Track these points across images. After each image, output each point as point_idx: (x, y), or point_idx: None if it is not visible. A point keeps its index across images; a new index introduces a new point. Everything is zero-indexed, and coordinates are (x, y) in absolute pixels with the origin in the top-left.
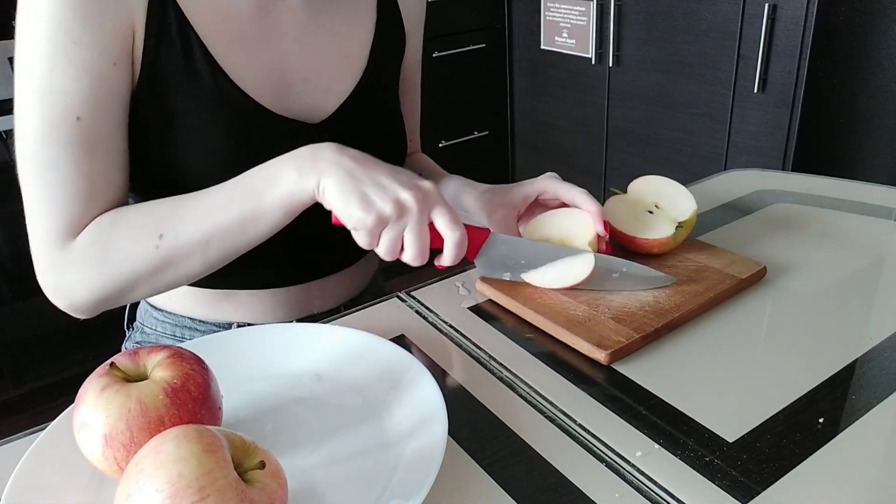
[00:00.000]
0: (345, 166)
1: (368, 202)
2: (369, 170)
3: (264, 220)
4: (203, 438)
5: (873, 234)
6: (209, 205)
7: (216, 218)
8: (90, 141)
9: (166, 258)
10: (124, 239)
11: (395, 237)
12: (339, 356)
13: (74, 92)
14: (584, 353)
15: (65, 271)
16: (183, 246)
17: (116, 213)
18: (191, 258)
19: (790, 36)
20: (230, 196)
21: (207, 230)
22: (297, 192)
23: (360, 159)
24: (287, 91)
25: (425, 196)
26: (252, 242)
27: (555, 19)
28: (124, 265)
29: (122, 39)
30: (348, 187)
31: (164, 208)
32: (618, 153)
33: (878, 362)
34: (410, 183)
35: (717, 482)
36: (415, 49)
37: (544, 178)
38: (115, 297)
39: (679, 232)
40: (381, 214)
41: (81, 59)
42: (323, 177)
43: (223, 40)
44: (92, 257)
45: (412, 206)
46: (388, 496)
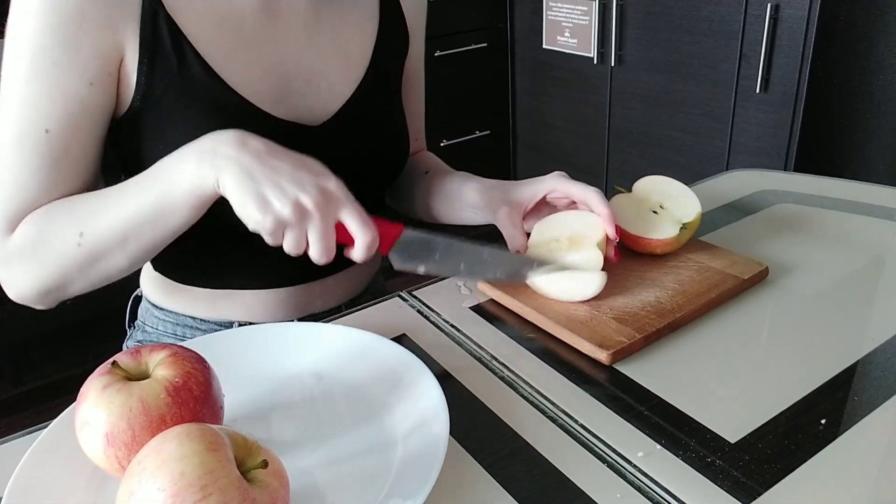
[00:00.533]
0: (243, 164)
1: (266, 204)
2: (269, 169)
3: (175, 215)
4: (205, 437)
5: (875, 235)
6: (122, 201)
7: (129, 212)
8: (55, 152)
9: (89, 254)
10: (50, 234)
11: (298, 238)
12: (340, 355)
13: (46, 107)
14: (586, 353)
15: (8, 263)
16: (102, 242)
17: (46, 209)
18: (113, 253)
19: (792, 36)
20: (141, 189)
21: (122, 226)
22: (198, 185)
23: (261, 154)
24: (289, 94)
25: (328, 198)
26: (171, 235)
27: (557, 19)
28: (53, 261)
29: (104, 61)
30: (245, 188)
31: (85, 204)
32: (619, 153)
33: (880, 364)
34: (312, 183)
35: (718, 483)
36: (417, 49)
37: (553, 176)
38: (54, 290)
39: (683, 233)
40: (278, 217)
41: (57, 79)
42: (221, 173)
43: (221, 48)
44: (26, 250)
45: (312, 210)
46: (390, 495)
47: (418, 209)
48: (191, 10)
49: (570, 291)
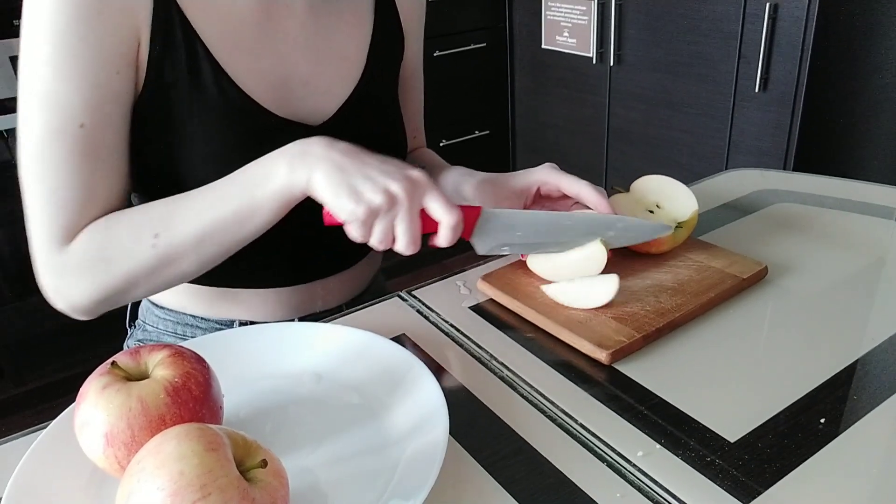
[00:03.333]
0: (334, 160)
1: (358, 194)
2: (358, 162)
3: (258, 216)
4: (205, 437)
5: (875, 234)
6: (203, 203)
7: (210, 215)
8: (93, 148)
9: (162, 257)
10: (120, 239)
11: (387, 227)
12: (340, 355)
13: (77, 101)
14: (586, 352)
15: (63, 275)
16: (178, 244)
17: (112, 216)
18: (187, 256)
19: (791, 35)
20: (224, 193)
21: (202, 228)
22: (288, 186)
23: (349, 152)
24: (289, 94)
25: (415, 185)
26: (246, 239)
27: (556, 18)
28: (121, 266)
29: (126, 48)
30: (338, 180)
31: (160, 208)
32: (618, 153)
33: (880, 362)
34: (399, 173)
35: (718, 482)
36: (415, 49)
37: (544, 168)
38: (113, 297)
39: (679, 232)
40: (371, 206)
41: (85, 70)
42: (313, 171)
43: (227, 46)
44: (88, 259)
45: (402, 197)
46: (390, 495)
47: None
48: (199, 6)
49: (583, 299)
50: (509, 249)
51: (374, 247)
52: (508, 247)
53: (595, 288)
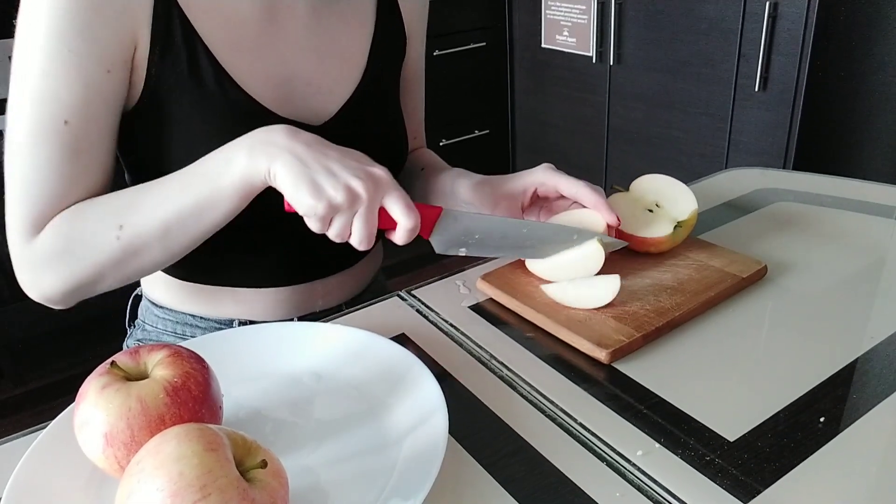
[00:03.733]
0: (296, 152)
1: (319, 190)
2: (321, 156)
3: (221, 205)
4: (204, 437)
5: (874, 233)
6: (166, 193)
7: (173, 206)
8: (75, 144)
9: (128, 248)
10: (85, 231)
11: (345, 223)
12: (339, 355)
13: (65, 97)
14: (585, 351)
15: (33, 265)
16: (142, 235)
17: (78, 206)
18: (152, 247)
19: (791, 34)
20: (186, 183)
21: (165, 218)
22: (249, 175)
23: (312, 144)
24: (291, 94)
25: (376, 184)
26: (211, 229)
27: (555, 18)
28: (87, 257)
29: (121, 48)
30: (299, 174)
31: (124, 199)
32: (618, 152)
33: (880, 361)
34: (361, 170)
35: (717, 481)
36: (417, 49)
37: (541, 169)
38: (83, 288)
39: (678, 231)
40: (331, 202)
41: (75, 67)
42: (273, 161)
43: (228, 46)
44: (55, 250)
45: (363, 195)
46: (389, 495)
47: None
48: (200, 7)
49: (585, 299)
50: (466, 251)
51: (332, 239)
52: (465, 248)
53: (596, 288)
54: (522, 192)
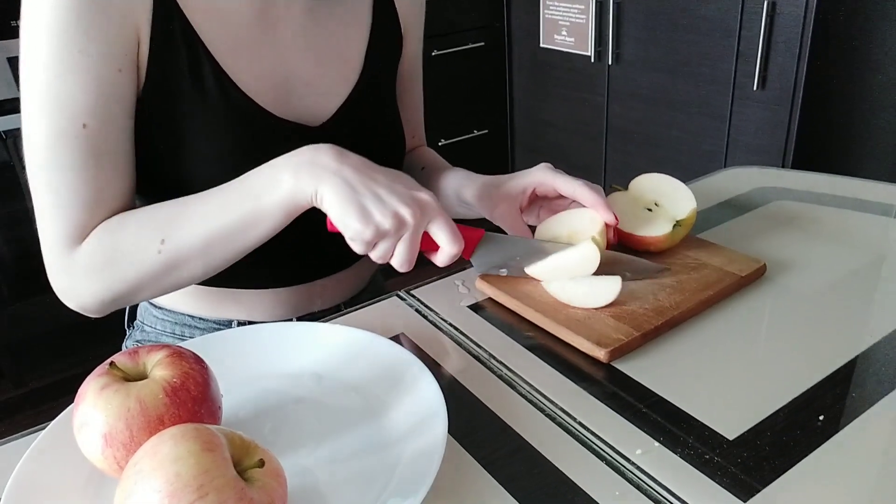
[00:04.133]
0: (344, 175)
1: (367, 215)
2: (368, 180)
3: (263, 224)
4: (201, 437)
5: (873, 231)
6: (209, 208)
7: (216, 222)
8: (97, 148)
9: (169, 262)
10: (127, 243)
11: (390, 247)
12: (338, 355)
13: (80, 100)
14: (584, 351)
15: (72, 275)
16: (184, 249)
17: (120, 217)
18: (193, 261)
19: (789, 33)
20: (230, 199)
21: (208, 234)
22: (294, 196)
23: (359, 167)
24: (288, 95)
25: (423, 210)
26: (254, 244)
27: (554, 17)
28: (128, 269)
29: (127, 46)
30: (347, 198)
31: (166, 212)
32: (617, 151)
33: (879, 359)
34: (409, 196)
35: (717, 480)
36: (414, 48)
37: (539, 169)
38: (122, 299)
39: (677, 230)
40: (379, 228)
41: (86, 68)
42: (321, 184)
43: (226, 47)
44: (97, 262)
45: (410, 222)
46: (389, 495)
47: None
48: (199, 7)
49: (586, 298)
50: (507, 271)
51: (374, 260)
52: (506, 269)
53: (598, 287)
54: (521, 193)
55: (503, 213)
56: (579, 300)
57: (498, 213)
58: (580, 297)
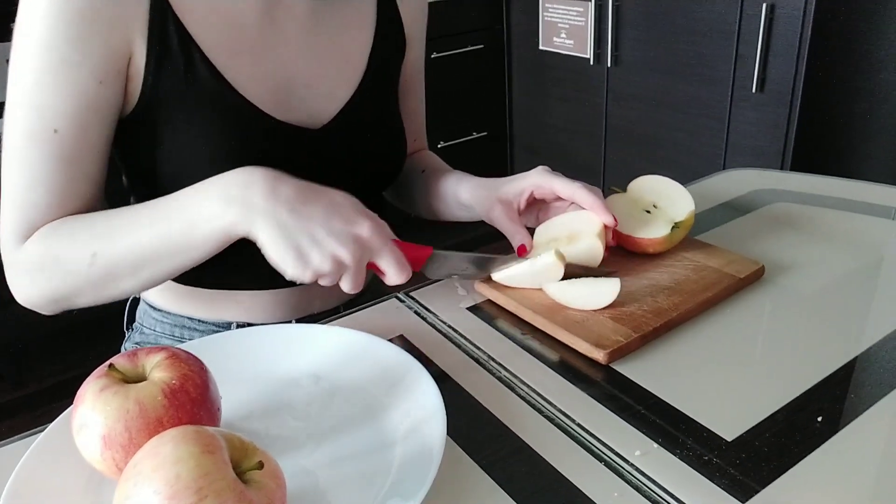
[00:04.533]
0: (276, 217)
1: (304, 260)
2: (303, 220)
3: (196, 251)
4: (201, 439)
5: (872, 233)
6: (138, 228)
7: (146, 244)
8: (64, 153)
9: (100, 275)
10: (62, 250)
11: (333, 281)
12: (338, 357)
13: (56, 107)
14: (583, 352)
15: (17, 272)
16: (115, 266)
17: (61, 223)
18: (124, 278)
19: (788, 35)
20: (161, 224)
21: (139, 254)
22: (226, 231)
23: (292, 204)
24: (289, 97)
25: (363, 248)
26: (186, 268)
27: (553, 20)
28: (63, 276)
29: (114, 59)
30: (281, 244)
31: (100, 225)
32: (616, 153)
33: (877, 361)
34: (347, 235)
35: (715, 481)
36: (416, 52)
37: (537, 172)
38: (62, 301)
39: (676, 232)
40: (317, 272)
41: (66, 77)
42: (253, 226)
43: (225, 51)
44: (36, 263)
45: (348, 263)
46: (387, 496)
47: (418, 207)
48: (197, 13)
49: (584, 300)
50: (457, 278)
51: None
52: (457, 276)
53: (597, 289)
54: (518, 195)
55: (499, 214)
56: (578, 302)
57: (494, 214)
58: (579, 298)
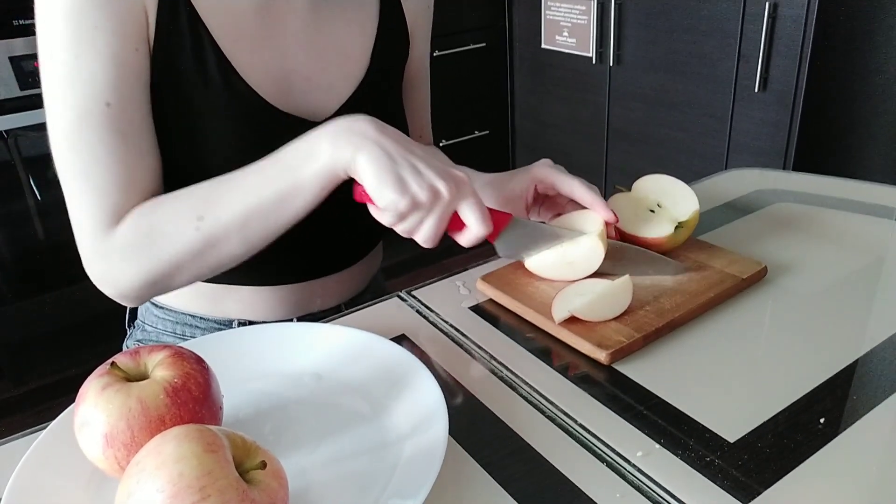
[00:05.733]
0: (383, 144)
1: (404, 186)
2: (406, 151)
3: (301, 196)
4: (204, 438)
5: (874, 234)
6: (247, 184)
7: (254, 196)
8: (121, 127)
9: (207, 239)
10: (165, 222)
11: (420, 221)
12: (339, 356)
13: (101, 78)
14: (585, 352)
15: (110, 260)
16: (222, 226)
17: (156, 199)
18: (231, 239)
19: (791, 35)
20: (267, 174)
21: (246, 209)
22: (332, 165)
23: (397, 138)
24: (290, 89)
25: (459, 187)
26: (291, 220)
27: (555, 18)
28: (166, 248)
29: (140, 25)
30: (385, 167)
31: (204, 190)
32: (618, 153)
33: (879, 362)
34: (445, 171)
35: (717, 482)
36: (421, 49)
37: (540, 165)
38: (160, 282)
39: (679, 232)
40: (414, 199)
41: (105, 45)
42: (358, 151)
43: (230, 36)
44: (135, 244)
45: (445, 196)
46: (389, 496)
47: None
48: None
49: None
50: (527, 257)
51: (400, 233)
52: (527, 255)
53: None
54: (524, 191)
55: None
56: (559, 272)
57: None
58: (597, 311)
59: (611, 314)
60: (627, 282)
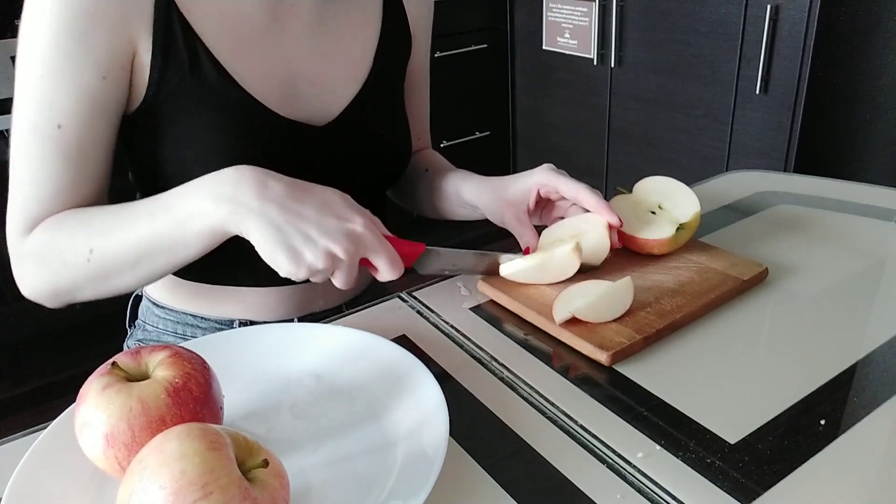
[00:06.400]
0: (267, 215)
1: (298, 257)
2: (295, 217)
3: (188, 248)
4: (207, 436)
5: (875, 236)
6: (134, 225)
7: (140, 240)
8: (67, 149)
9: (98, 271)
10: (60, 247)
11: (326, 277)
12: (340, 356)
13: (59, 102)
14: (586, 354)
15: (22, 263)
16: (112, 261)
17: (59, 218)
18: (123, 273)
19: (792, 37)
20: (156, 222)
21: (134, 252)
22: (217, 229)
23: (283, 202)
24: (294, 94)
25: (356, 243)
26: (182, 263)
27: (557, 20)
28: (62, 271)
29: (118, 55)
30: (273, 240)
31: (98, 222)
32: (619, 154)
33: (880, 364)
34: (340, 230)
35: (718, 483)
36: (422, 51)
37: (542, 170)
38: (64, 294)
39: (681, 233)
40: (311, 269)
41: (70, 72)
42: (244, 225)
43: (230, 47)
44: (37, 256)
45: (343, 259)
46: (389, 496)
47: (421, 206)
48: (201, 10)
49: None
50: (449, 272)
51: None
52: (448, 271)
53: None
54: (526, 196)
55: (510, 218)
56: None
57: (506, 219)
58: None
59: (612, 315)
60: (628, 283)
